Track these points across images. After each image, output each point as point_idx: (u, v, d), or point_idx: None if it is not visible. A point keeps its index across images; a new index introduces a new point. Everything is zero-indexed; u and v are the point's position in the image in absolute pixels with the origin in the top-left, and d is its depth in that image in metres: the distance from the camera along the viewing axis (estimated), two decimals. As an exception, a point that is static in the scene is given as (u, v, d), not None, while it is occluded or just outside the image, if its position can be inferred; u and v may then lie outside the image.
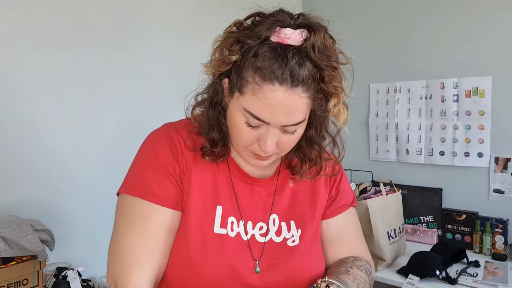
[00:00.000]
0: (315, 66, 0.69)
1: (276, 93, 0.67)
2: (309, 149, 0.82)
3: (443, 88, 2.22)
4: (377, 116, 2.47)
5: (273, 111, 0.68)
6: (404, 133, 2.36)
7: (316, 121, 0.77)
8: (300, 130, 0.75)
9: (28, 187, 1.52)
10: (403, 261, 1.83)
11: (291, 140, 0.75)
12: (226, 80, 0.74)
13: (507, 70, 2.04)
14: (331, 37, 0.73)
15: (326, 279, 0.74)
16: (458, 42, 2.17)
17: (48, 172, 1.58)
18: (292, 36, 0.68)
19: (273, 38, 0.68)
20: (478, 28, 2.11)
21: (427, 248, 1.92)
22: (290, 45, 0.68)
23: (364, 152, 2.53)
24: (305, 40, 0.68)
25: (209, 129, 0.78)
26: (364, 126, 2.53)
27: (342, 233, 0.91)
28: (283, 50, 0.67)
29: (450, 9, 2.19)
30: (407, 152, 2.35)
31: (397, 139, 2.39)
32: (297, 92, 0.68)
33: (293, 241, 0.83)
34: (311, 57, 0.68)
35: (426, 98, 2.28)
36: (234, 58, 0.69)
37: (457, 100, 2.18)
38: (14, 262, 1.27)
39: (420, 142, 2.31)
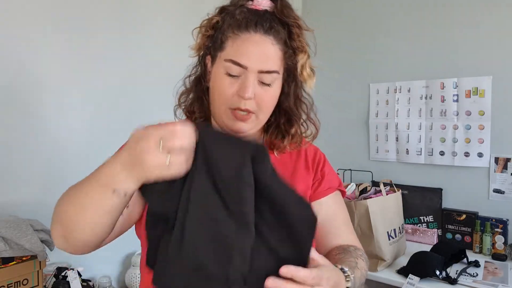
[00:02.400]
0: (283, 24, 0.81)
1: (252, 38, 0.78)
2: (288, 125, 0.89)
3: (443, 88, 2.22)
4: (377, 116, 2.47)
5: (249, 55, 0.78)
6: (404, 133, 2.36)
7: (291, 91, 0.87)
8: (276, 86, 0.83)
9: (28, 187, 1.53)
10: (403, 261, 1.83)
11: (268, 95, 0.82)
12: (208, 57, 0.85)
13: (507, 70, 2.04)
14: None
15: (345, 269, 0.74)
16: (458, 42, 2.17)
17: (48, 172, 1.58)
18: (263, 3, 0.82)
19: (247, 6, 0.82)
20: (478, 28, 2.11)
21: (427, 248, 1.92)
22: (262, 9, 0.82)
23: (364, 152, 2.53)
24: (274, 6, 0.82)
25: (191, 101, 0.89)
26: (364, 126, 2.53)
27: (332, 216, 0.92)
28: (256, 10, 0.81)
29: (450, 9, 2.19)
30: (407, 152, 2.35)
31: (397, 139, 2.39)
32: (269, 39, 0.79)
33: None
34: (279, 17, 0.81)
35: (426, 98, 2.28)
36: (216, 19, 0.83)
37: (457, 100, 2.18)
38: (14, 262, 1.27)
39: (420, 142, 2.31)
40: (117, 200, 0.63)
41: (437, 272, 1.67)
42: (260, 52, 0.78)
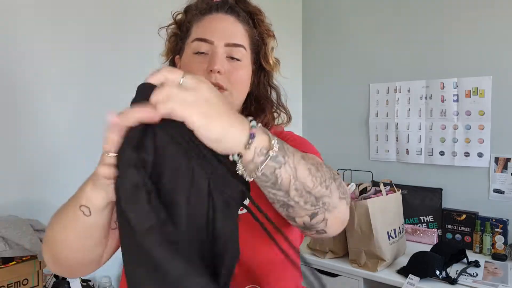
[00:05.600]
0: (245, 11, 0.84)
1: (214, 17, 0.81)
2: (260, 111, 0.89)
3: (443, 88, 2.22)
4: (377, 116, 2.47)
5: (214, 30, 0.80)
6: (404, 133, 2.36)
7: (260, 80, 0.89)
8: (246, 64, 0.83)
9: (28, 187, 1.52)
10: (403, 261, 1.83)
11: (239, 71, 0.81)
12: (177, 57, 0.87)
13: (507, 70, 2.04)
14: None
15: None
16: (458, 42, 2.17)
17: (48, 172, 1.58)
18: None
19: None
20: (478, 28, 2.11)
21: (427, 248, 1.92)
22: None
23: (364, 152, 2.53)
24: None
25: None
26: (364, 126, 2.53)
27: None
28: (215, 1, 0.84)
29: (450, 9, 2.19)
30: (407, 152, 2.35)
31: (397, 139, 2.39)
32: (232, 17, 0.82)
33: (242, 209, 0.81)
34: (240, 5, 0.84)
35: (426, 98, 2.28)
36: (180, 15, 0.87)
37: (457, 100, 2.18)
38: (14, 262, 1.27)
39: (420, 142, 2.31)
40: (87, 218, 0.58)
41: (437, 272, 1.67)
42: (224, 26, 0.81)
